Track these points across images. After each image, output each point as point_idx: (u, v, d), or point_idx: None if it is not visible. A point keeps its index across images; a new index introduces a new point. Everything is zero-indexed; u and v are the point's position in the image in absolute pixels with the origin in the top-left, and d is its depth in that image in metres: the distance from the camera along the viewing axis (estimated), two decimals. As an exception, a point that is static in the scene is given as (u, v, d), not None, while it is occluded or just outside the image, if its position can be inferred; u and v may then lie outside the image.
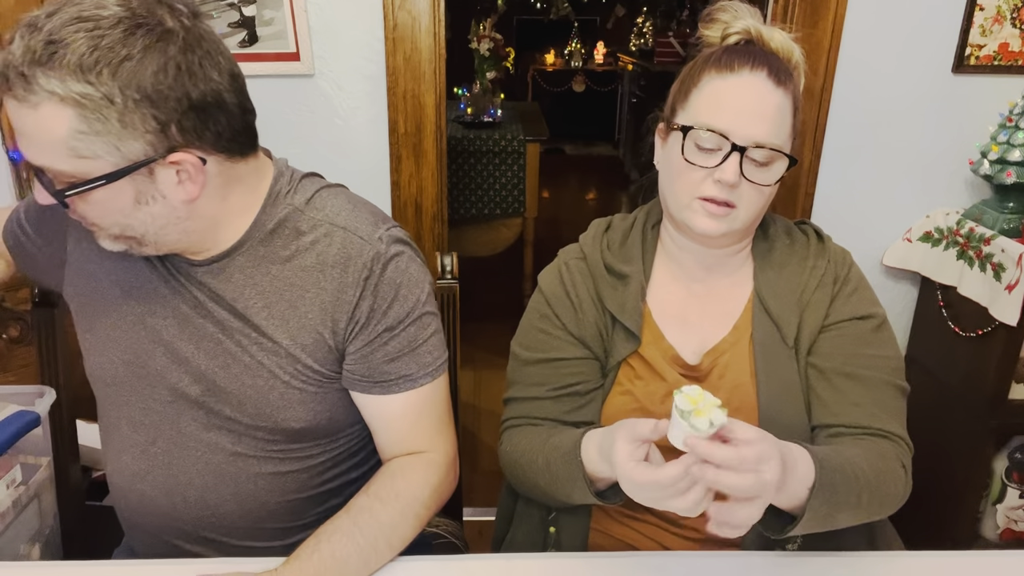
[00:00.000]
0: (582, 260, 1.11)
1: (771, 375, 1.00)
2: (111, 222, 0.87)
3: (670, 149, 1.01)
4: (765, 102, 0.95)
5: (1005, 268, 1.60)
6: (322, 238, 0.95)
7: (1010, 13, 1.76)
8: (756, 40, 1.01)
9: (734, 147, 0.94)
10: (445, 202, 1.93)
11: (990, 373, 1.69)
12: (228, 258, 0.95)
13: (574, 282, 1.09)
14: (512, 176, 3.50)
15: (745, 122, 0.94)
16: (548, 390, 1.06)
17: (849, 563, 0.93)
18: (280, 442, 0.99)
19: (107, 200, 0.84)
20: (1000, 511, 1.86)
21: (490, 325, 3.59)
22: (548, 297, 1.10)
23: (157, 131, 0.81)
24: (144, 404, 0.99)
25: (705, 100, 0.97)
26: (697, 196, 0.98)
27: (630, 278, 1.06)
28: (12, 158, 1.72)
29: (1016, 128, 1.65)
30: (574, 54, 7.59)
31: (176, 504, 0.99)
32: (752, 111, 0.95)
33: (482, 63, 4.04)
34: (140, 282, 0.97)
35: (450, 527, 1.28)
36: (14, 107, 0.80)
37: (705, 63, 1.00)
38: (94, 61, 0.76)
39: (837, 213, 1.91)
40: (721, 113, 0.95)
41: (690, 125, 0.96)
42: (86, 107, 0.77)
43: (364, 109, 1.82)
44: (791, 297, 1.04)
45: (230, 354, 0.95)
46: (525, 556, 1.02)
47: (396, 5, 1.72)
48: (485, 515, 2.24)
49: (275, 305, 0.94)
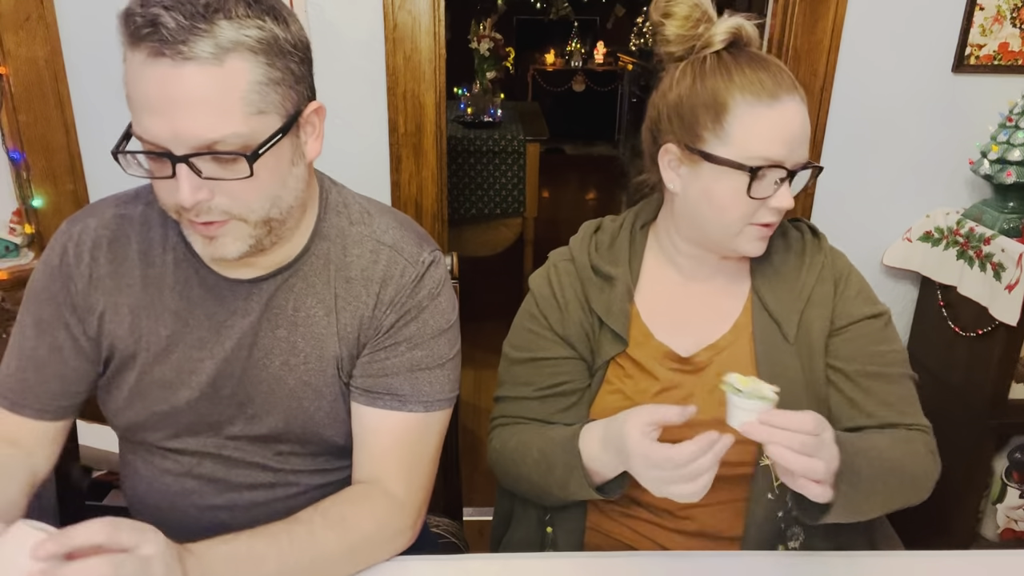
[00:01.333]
0: (570, 262, 1.11)
1: (774, 371, 1.00)
2: (268, 196, 0.84)
3: (706, 179, 0.98)
4: (805, 125, 0.96)
5: (1005, 268, 1.60)
6: (367, 254, 0.95)
7: (1010, 13, 1.76)
8: (745, 41, 0.99)
9: (789, 174, 0.95)
10: (445, 202, 1.93)
11: (990, 373, 1.69)
12: (295, 265, 0.94)
13: (561, 284, 1.10)
14: (512, 176, 3.50)
15: (795, 149, 0.95)
16: (535, 390, 1.07)
17: (849, 563, 0.93)
18: (327, 457, 1.00)
19: (276, 164, 0.82)
20: (1000, 511, 1.86)
21: (490, 325, 3.58)
22: (537, 298, 1.11)
23: (306, 76, 0.83)
24: (185, 435, 0.97)
25: (752, 132, 0.94)
26: (750, 223, 0.98)
27: (616, 280, 1.07)
28: (12, 158, 1.72)
29: (1016, 128, 1.65)
30: (574, 54, 7.59)
31: (218, 523, 0.98)
32: (800, 137, 0.96)
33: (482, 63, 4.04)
34: (189, 326, 0.94)
35: (450, 527, 1.28)
36: (192, 73, 0.74)
37: (723, 81, 0.96)
38: (260, 8, 0.77)
39: (837, 213, 1.91)
40: (775, 145, 0.94)
41: (755, 165, 0.93)
42: (268, 52, 0.77)
43: (364, 109, 1.82)
44: (790, 295, 1.04)
45: (276, 379, 0.94)
46: (525, 556, 1.02)
47: (396, 5, 1.72)
48: (485, 515, 2.24)
49: (328, 316, 0.94)
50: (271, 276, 0.93)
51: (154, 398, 0.95)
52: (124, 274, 0.94)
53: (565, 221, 5.25)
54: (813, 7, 1.75)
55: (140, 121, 0.78)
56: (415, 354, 0.95)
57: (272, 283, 0.93)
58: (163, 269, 0.94)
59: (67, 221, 0.97)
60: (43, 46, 1.68)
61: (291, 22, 0.82)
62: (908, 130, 1.86)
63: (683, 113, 0.98)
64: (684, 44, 1.00)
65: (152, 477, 1.00)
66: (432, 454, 0.98)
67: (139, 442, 1.00)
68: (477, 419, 2.79)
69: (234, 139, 0.77)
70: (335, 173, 1.05)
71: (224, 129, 0.76)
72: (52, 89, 1.71)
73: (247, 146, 0.78)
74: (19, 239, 1.72)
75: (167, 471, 0.99)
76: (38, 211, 1.77)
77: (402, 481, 0.95)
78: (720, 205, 0.98)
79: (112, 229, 0.95)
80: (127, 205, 0.97)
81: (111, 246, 0.94)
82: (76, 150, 1.77)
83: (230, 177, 0.79)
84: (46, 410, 0.96)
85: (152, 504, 1.02)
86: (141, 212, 0.96)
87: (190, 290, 0.94)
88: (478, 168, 3.47)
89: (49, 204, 1.78)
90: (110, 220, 0.96)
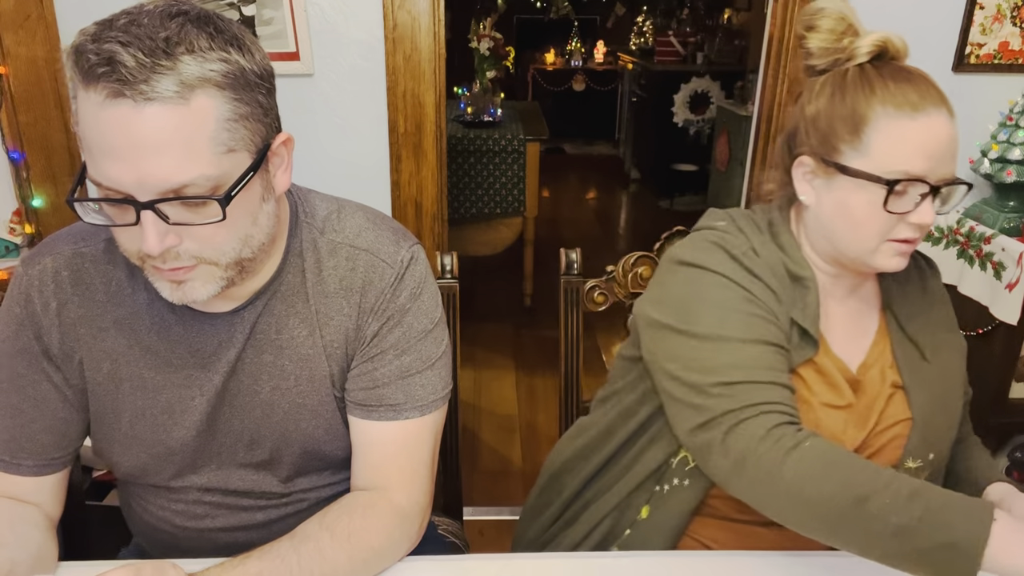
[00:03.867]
0: (754, 254, 0.99)
1: (919, 386, 1.00)
2: (239, 238, 0.79)
3: (842, 191, 0.94)
4: (953, 140, 0.93)
5: (1005, 267, 1.60)
6: (343, 263, 0.92)
7: (1010, 12, 1.76)
8: (893, 54, 0.96)
9: (932, 189, 0.91)
10: (445, 202, 1.93)
11: (990, 372, 1.69)
12: (272, 287, 0.90)
13: (760, 273, 0.97)
14: (512, 175, 3.50)
15: (939, 164, 0.91)
16: (781, 376, 0.92)
17: (849, 563, 0.93)
18: (332, 471, 0.99)
19: (247, 203, 0.77)
20: (1000, 510, 1.86)
21: (490, 325, 3.59)
22: (738, 280, 0.96)
23: (273, 106, 0.78)
24: (187, 473, 0.96)
25: (895, 145, 0.91)
26: (888, 239, 0.95)
27: (809, 281, 1.00)
28: (12, 158, 1.72)
29: (1016, 127, 1.65)
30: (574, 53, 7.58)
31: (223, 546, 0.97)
32: (945, 152, 0.92)
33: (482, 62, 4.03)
34: (173, 365, 0.90)
35: (450, 527, 1.28)
36: (155, 114, 0.69)
37: (864, 93, 0.92)
38: (223, 39, 0.72)
39: (837, 212, 1.91)
40: (916, 159, 0.90)
41: (893, 178, 0.90)
42: (235, 86, 0.73)
43: (364, 109, 1.82)
44: (922, 317, 1.05)
45: (268, 404, 0.92)
46: (525, 556, 1.02)
47: (396, 5, 1.72)
48: (485, 515, 2.25)
49: (312, 335, 0.92)
50: (250, 303, 0.90)
51: (149, 441, 0.92)
52: (95, 318, 0.89)
53: (565, 221, 5.25)
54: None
55: (98, 166, 0.72)
56: (404, 360, 0.92)
57: (253, 310, 0.90)
58: (135, 309, 0.89)
59: (21, 263, 0.91)
60: (43, 46, 1.68)
61: (255, 50, 0.77)
62: (908, 129, 1.86)
63: (820, 126, 0.95)
64: (827, 57, 0.97)
65: (159, 509, 0.99)
66: (431, 455, 0.98)
67: (141, 485, 0.98)
68: (477, 419, 2.79)
69: (203, 181, 0.72)
70: (335, 173, 1.04)
71: (192, 172, 0.71)
72: (52, 89, 1.71)
73: (218, 187, 0.73)
74: (19, 239, 1.72)
75: (175, 502, 0.98)
76: (38, 211, 1.77)
77: (404, 489, 0.93)
78: (855, 219, 0.94)
79: (73, 270, 0.89)
80: (85, 242, 0.90)
81: (75, 288, 0.89)
82: (76, 150, 1.77)
83: (200, 221, 0.74)
84: (44, 465, 0.92)
85: (164, 531, 1.00)
86: (104, 249, 0.90)
87: (168, 329, 0.89)
88: (478, 168, 3.47)
89: (49, 204, 1.78)
90: (69, 259, 0.89)
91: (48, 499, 0.94)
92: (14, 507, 0.90)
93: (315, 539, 0.84)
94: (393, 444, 0.93)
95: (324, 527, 0.86)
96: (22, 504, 0.91)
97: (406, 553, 0.92)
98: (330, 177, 1.84)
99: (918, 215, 0.91)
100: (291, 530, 0.86)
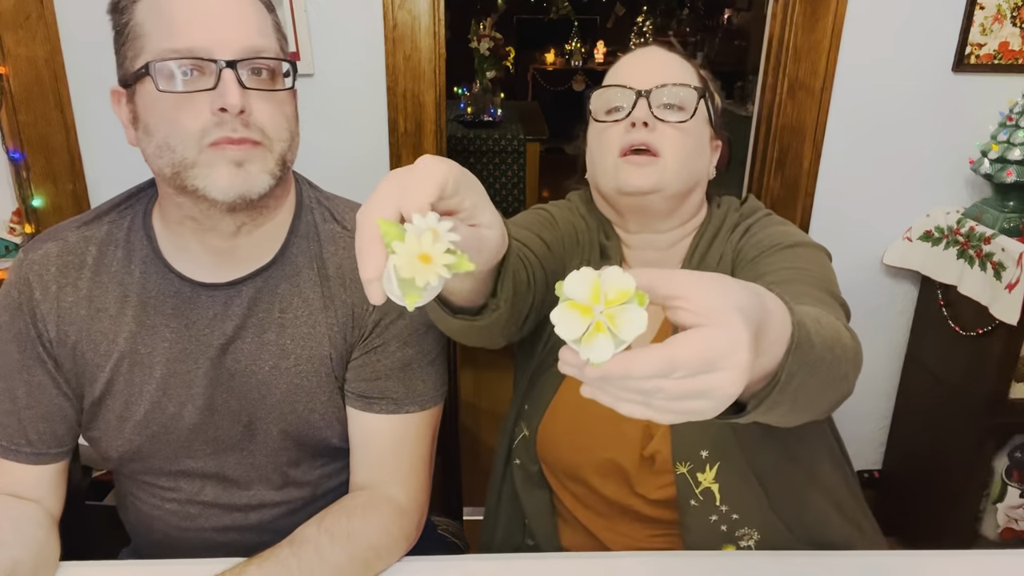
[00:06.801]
0: (583, 218, 1.14)
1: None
2: (287, 127, 0.86)
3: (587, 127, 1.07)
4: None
5: (1005, 267, 1.60)
6: (341, 251, 0.94)
7: (1010, 12, 1.76)
8: None
9: (639, 94, 0.98)
10: (445, 202, 1.93)
11: (990, 372, 1.69)
12: (276, 265, 0.92)
13: (575, 217, 1.13)
14: (512, 175, 3.50)
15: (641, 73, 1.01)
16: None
17: (849, 563, 0.93)
18: (327, 460, 0.99)
19: (291, 96, 0.87)
20: (1000, 510, 1.86)
21: (490, 324, 3.59)
22: (554, 213, 1.15)
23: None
24: (183, 458, 0.96)
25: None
26: (618, 152, 0.98)
27: (609, 248, 1.07)
28: (12, 158, 1.72)
29: (1016, 127, 1.65)
30: (574, 53, 7.58)
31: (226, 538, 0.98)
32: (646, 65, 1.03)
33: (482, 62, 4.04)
34: (168, 340, 0.92)
35: (450, 527, 1.27)
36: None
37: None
38: None
39: (837, 213, 1.90)
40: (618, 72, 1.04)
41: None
42: (268, 5, 0.86)
43: (364, 109, 1.81)
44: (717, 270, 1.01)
45: (266, 384, 0.93)
46: (525, 556, 1.02)
47: (396, 5, 1.72)
48: (485, 515, 2.24)
49: (314, 315, 0.93)
50: (250, 278, 0.91)
51: (145, 420, 0.92)
52: (94, 298, 0.91)
53: (565, 221, 5.23)
54: (813, 7, 1.74)
55: (177, 36, 0.78)
56: (407, 352, 0.94)
57: (251, 286, 0.91)
58: (131, 286, 0.91)
59: (23, 249, 0.93)
60: (43, 45, 1.68)
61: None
62: (908, 129, 1.86)
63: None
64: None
65: (153, 508, 0.99)
66: (429, 451, 0.98)
67: (136, 474, 0.98)
68: (477, 419, 2.79)
69: (272, 53, 0.83)
70: (335, 173, 1.05)
71: (266, 39, 0.82)
72: (52, 89, 1.71)
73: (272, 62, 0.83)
74: (19, 239, 1.72)
75: (168, 501, 0.98)
76: (38, 211, 1.77)
77: (402, 485, 0.94)
78: (591, 149, 1.10)
79: (77, 254, 0.92)
80: (89, 227, 0.94)
81: (79, 271, 0.91)
82: (76, 150, 1.77)
83: (269, 88, 0.82)
84: (42, 454, 0.93)
85: (159, 530, 1.00)
86: (106, 232, 0.93)
87: (163, 302, 0.91)
88: (478, 168, 3.47)
89: (49, 204, 1.78)
90: (75, 244, 0.92)
91: (48, 494, 0.95)
92: (16, 505, 0.91)
93: (314, 542, 0.85)
94: (392, 438, 0.94)
95: (323, 530, 0.86)
96: (24, 502, 0.92)
97: (405, 551, 0.92)
98: (330, 177, 1.83)
99: (632, 117, 0.99)
100: (284, 531, 0.86)
